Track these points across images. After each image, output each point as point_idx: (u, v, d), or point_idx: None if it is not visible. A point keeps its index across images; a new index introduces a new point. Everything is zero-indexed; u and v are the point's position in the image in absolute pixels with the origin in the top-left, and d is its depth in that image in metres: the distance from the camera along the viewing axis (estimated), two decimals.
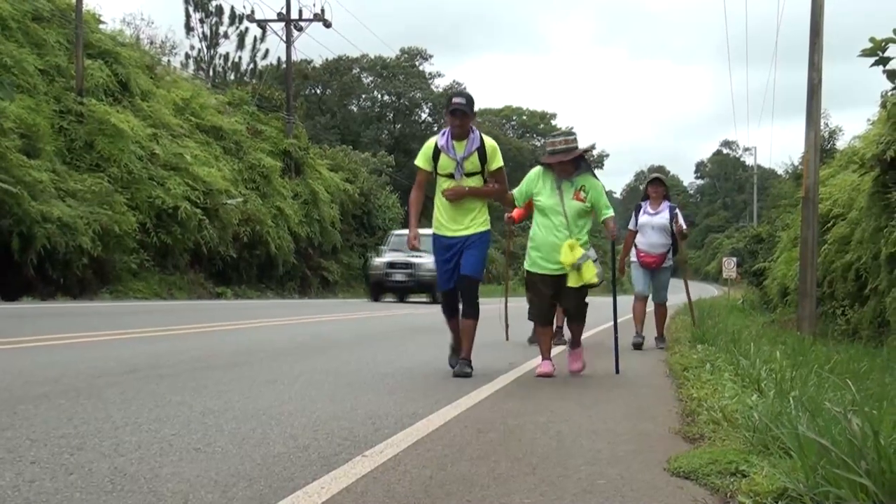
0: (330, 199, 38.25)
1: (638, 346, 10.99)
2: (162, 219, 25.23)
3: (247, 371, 6.98)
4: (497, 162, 7.34)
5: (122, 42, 30.13)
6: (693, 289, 13.52)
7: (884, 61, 7.60)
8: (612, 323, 8.36)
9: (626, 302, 12.70)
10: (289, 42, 38.06)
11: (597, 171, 8.02)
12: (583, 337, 8.11)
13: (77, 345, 8.57)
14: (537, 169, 7.69)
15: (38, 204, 19.50)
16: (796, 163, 35.52)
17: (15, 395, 5.27)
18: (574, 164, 7.48)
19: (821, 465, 3.28)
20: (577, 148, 7.45)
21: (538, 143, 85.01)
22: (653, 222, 11.22)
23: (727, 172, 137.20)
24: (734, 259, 43.27)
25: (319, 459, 3.87)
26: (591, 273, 7.31)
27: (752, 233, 45.31)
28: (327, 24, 38.47)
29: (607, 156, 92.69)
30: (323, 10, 38.38)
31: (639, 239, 11.33)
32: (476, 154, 7.27)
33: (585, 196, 7.48)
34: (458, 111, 7.21)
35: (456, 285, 7.35)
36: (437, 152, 7.33)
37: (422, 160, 7.41)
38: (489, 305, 9.26)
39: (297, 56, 45.29)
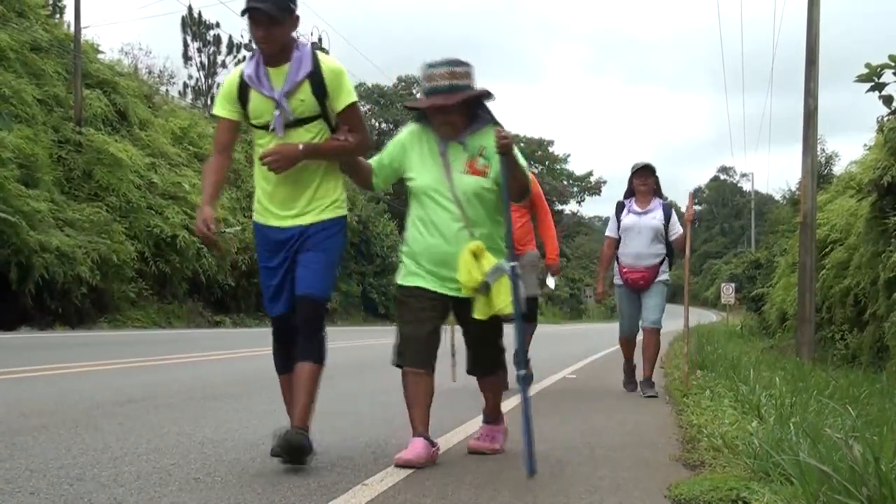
0: None
1: (631, 387, 8.85)
2: (160, 247, 25.23)
3: (245, 400, 6.96)
4: (345, 96, 4.49)
5: (121, 72, 30.28)
6: (691, 315, 13.07)
7: (879, 87, 7.62)
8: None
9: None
10: None
11: (594, 200, 7.30)
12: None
13: (75, 375, 8.55)
14: (410, 128, 4.89)
15: (36, 233, 19.51)
16: (793, 188, 35.61)
17: (12, 426, 5.26)
18: (464, 112, 4.65)
19: (822, 491, 3.28)
20: (468, 87, 4.61)
21: (535, 171, 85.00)
22: (640, 224, 8.50)
23: (725, 198, 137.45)
24: (733, 285, 43.23)
25: (319, 489, 3.85)
26: (506, 298, 4.51)
27: (751, 258, 45.46)
28: (325, 53, 38.61)
29: (605, 182, 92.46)
30: (320, 39, 38.65)
31: (622, 249, 8.64)
32: (308, 85, 4.42)
33: (487, 164, 4.68)
34: (258, 11, 4.30)
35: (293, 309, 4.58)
36: (243, 89, 4.50)
37: (220, 104, 4.59)
38: None
39: None
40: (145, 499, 3.57)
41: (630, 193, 8.75)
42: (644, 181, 8.62)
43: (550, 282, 9.03)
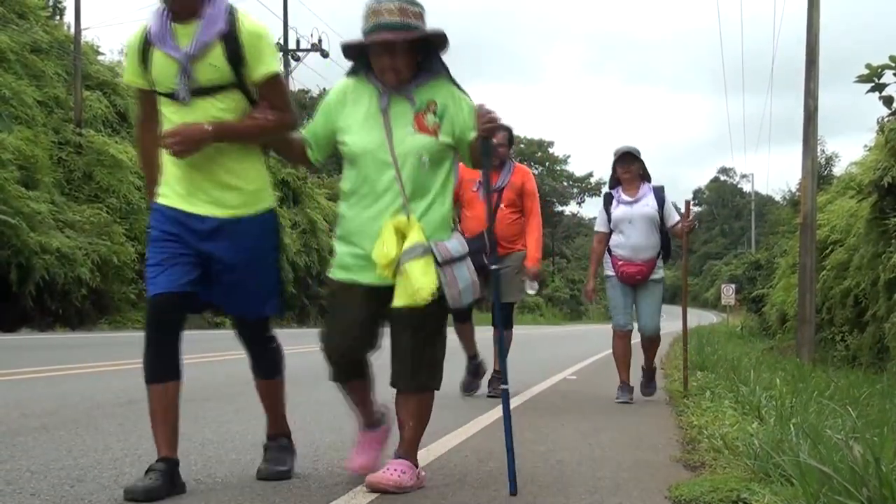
0: (328, 229, 38.25)
1: (627, 396, 7.96)
2: None
3: (245, 401, 6.95)
4: (266, 64, 3.80)
5: (121, 73, 30.28)
6: (691, 316, 12.88)
7: (880, 87, 7.63)
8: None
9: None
10: (287, 72, 38.23)
11: (594, 201, 6.90)
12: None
13: (75, 376, 8.55)
14: (341, 84, 4.12)
15: (36, 235, 19.53)
16: (794, 189, 35.60)
17: (13, 427, 5.26)
18: (413, 60, 3.93)
19: (822, 492, 3.28)
20: (421, 26, 3.87)
21: (535, 172, 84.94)
22: (633, 214, 7.87)
23: (725, 199, 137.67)
24: (733, 286, 43.28)
25: (320, 490, 3.85)
26: (426, 281, 3.76)
27: (751, 259, 45.52)
28: (325, 55, 38.66)
29: (605, 183, 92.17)
30: (320, 41, 38.60)
31: (616, 241, 7.96)
32: (220, 47, 3.73)
33: (438, 122, 3.95)
34: None
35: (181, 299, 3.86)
36: (146, 48, 3.80)
37: (128, 68, 3.93)
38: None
39: (295, 86, 45.47)
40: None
41: (616, 182, 8.13)
42: (627, 169, 7.97)
43: (529, 287, 8.09)
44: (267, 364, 4.15)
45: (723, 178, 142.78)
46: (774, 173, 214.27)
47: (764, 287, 31.17)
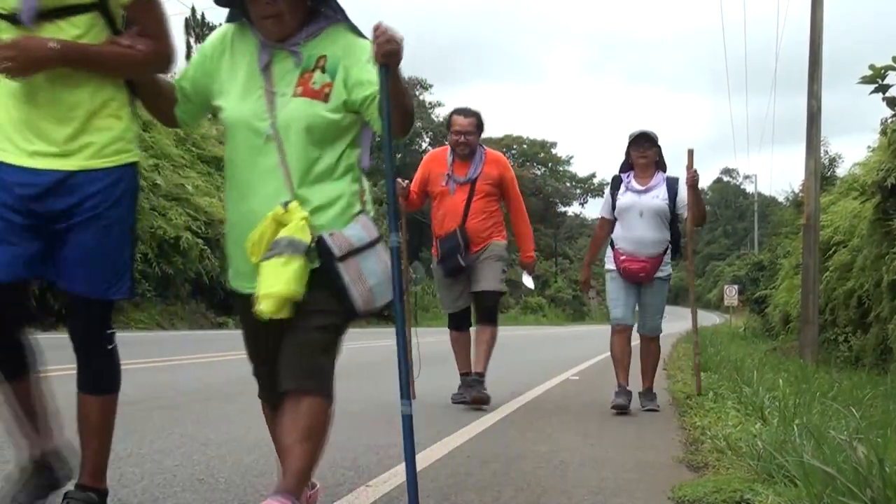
0: None
1: (622, 409, 7.06)
2: (163, 249, 25.23)
3: (248, 401, 6.93)
4: None
5: None
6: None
7: (883, 88, 7.62)
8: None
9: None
10: None
11: (596, 202, 6.57)
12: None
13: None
14: (221, 30, 3.23)
15: None
16: (797, 190, 35.57)
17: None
18: (297, 3, 3.02)
19: (826, 493, 3.28)
20: None
21: (538, 172, 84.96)
22: (641, 204, 7.20)
23: (728, 200, 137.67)
24: (736, 287, 43.27)
25: (323, 490, 3.85)
26: (281, 282, 2.90)
27: (754, 260, 45.44)
28: None
29: (608, 184, 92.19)
30: None
31: (619, 233, 7.32)
32: None
33: (328, 83, 3.06)
34: None
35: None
36: None
37: None
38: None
39: None
40: (149, 499, 3.58)
41: (627, 167, 7.47)
42: (643, 153, 7.30)
43: (528, 281, 7.66)
44: (101, 370, 3.24)
45: (726, 178, 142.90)
46: (777, 174, 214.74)
47: (767, 288, 31.15)
